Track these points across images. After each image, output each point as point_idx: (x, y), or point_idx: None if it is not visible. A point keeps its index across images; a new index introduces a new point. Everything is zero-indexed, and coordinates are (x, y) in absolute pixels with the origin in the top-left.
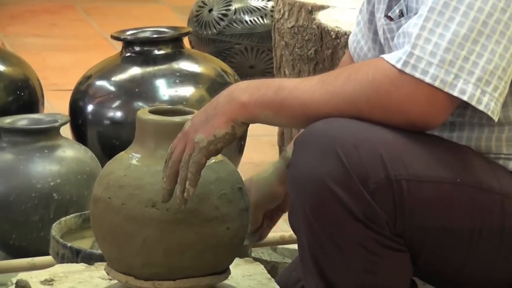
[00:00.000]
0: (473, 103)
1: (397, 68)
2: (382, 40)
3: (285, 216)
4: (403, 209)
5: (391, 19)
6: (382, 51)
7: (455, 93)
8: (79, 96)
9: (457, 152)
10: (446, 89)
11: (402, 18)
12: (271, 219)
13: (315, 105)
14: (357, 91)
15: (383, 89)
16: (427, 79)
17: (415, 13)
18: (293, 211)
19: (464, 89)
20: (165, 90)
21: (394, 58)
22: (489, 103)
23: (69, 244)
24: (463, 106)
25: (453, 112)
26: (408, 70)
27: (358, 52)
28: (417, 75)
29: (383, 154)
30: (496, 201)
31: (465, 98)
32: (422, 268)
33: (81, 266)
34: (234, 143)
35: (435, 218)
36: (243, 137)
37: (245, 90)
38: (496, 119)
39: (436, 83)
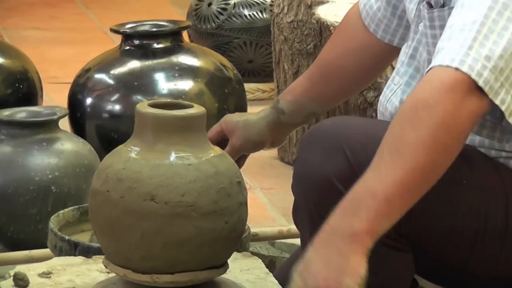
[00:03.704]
0: (506, 114)
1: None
2: (411, 20)
3: (283, 211)
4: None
5: (431, 6)
6: (394, 14)
7: (497, 101)
8: (78, 89)
9: (463, 152)
10: (491, 96)
11: (445, 8)
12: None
13: (414, 176)
14: (431, 133)
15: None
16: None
17: (450, 7)
18: (297, 207)
19: (504, 99)
20: (164, 83)
21: None
22: None
23: (67, 237)
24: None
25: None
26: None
27: (367, 9)
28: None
29: None
30: (500, 202)
31: (503, 108)
32: (425, 267)
33: (79, 259)
34: None
35: (440, 219)
36: None
37: (351, 220)
38: None
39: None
